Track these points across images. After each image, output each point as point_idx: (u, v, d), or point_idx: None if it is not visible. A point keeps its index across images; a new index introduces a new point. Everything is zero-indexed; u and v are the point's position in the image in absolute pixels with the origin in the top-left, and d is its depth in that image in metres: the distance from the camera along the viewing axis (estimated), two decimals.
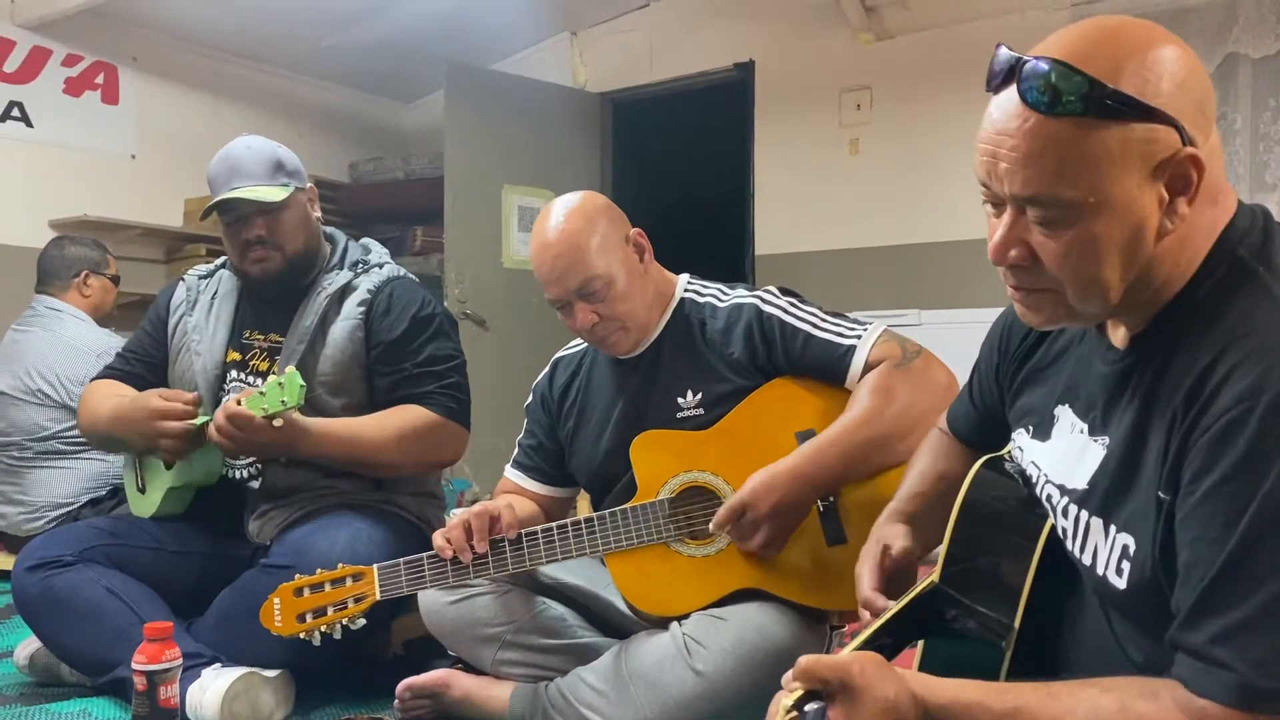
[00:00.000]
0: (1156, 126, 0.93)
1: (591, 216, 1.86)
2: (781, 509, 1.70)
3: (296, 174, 2.25)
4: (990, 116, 1.00)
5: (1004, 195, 0.99)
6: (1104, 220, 0.95)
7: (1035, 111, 0.95)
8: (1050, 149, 0.94)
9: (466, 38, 5.31)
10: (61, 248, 3.53)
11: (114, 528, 2.18)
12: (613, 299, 1.84)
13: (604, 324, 1.86)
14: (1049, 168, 0.95)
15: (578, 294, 1.83)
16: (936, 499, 1.40)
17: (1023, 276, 1.03)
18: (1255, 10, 3.87)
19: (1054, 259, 0.98)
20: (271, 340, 2.25)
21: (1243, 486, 0.89)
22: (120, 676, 1.92)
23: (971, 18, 4.40)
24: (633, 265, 1.88)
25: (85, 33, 4.68)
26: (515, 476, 2.12)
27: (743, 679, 1.62)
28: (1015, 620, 1.14)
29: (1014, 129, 0.96)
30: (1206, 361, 0.94)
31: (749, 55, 5.06)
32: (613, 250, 1.85)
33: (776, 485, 1.69)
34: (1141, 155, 0.94)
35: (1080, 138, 0.93)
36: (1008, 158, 0.97)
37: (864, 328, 1.84)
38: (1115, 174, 0.94)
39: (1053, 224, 0.97)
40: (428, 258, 5.28)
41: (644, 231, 1.94)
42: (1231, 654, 0.88)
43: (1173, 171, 0.95)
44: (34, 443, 3.24)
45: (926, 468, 1.47)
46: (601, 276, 1.82)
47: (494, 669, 1.89)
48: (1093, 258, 0.97)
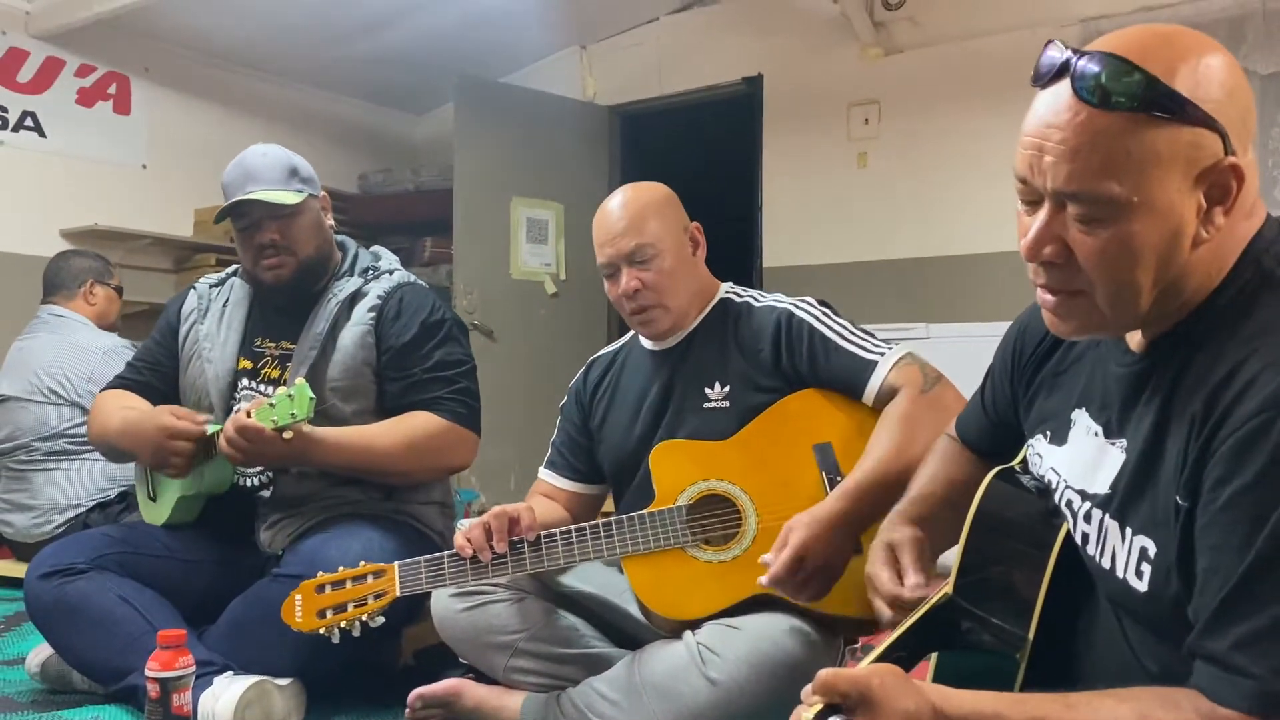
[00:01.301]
0: (1203, 131, 0.94)
1: (658, 197, 2.00)
2: (833, 558, 1.64)
3: (310, 181, 2.27)
4: (1036, 111, 1.00)
5: (1045, 190, 0.99)
6: (1143, 221, 0.95)
7: (1087, 105, 0.95)
8: (1099, 143, 0.95)
9: (476, 50, 5.34)
10: (66, 259, 3.58)
11: (126, 536, 2.19)
12: (659, 271, 1.92)
13: (645, 294, 1.92)
14: (1096, 162, 0.95)
15: (627, 258, 1.92)
16: (943, 502, 1.40)
17: (1055, 275, 1.03)
18: (1264, 27, 3.88)
19: (1090, 257, 0.98)
20: (283, 348, 2.26)
21: (1265, 494, 0.89)
22: (133, 684, 1.93)
23: (980, 33, 4.41)
24: (684, 252, 1.97)
25: (98, 44, 4.71)
26: (548, 476, 2.15)
27: (757, 688, 1.62)
28: (1029, 631, 1.14)
29: (1064, 122, 0.96)
30: (1229, 368, 0.94)
31: (758, 69, 5.08)
32: (670, 229, 1.95)
33: (825, 534, 1.62)
34: (1187, 159, 0.94)
35: (1129, 134, 0.94)
36: (1055, 150, 0.97)
37: (889, 346, 1.86)
38: (1160, 175, 0.94)
39: (1092, 221, 0.97)
40: (436, 269, 5.30)
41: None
42: (1252, 661, 0.88)
43: (1214, 180, 0.95)
44: (41, 443, 3.25)
45: (935, 471, 1.47)
46: (654, 245, 1.92)
47: (506, 677, 1.89)
48: (1129, 258, 0.97)
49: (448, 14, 4.95)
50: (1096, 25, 4.12)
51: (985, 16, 4.42)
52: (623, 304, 1.97)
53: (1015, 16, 4.30)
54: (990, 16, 4.40)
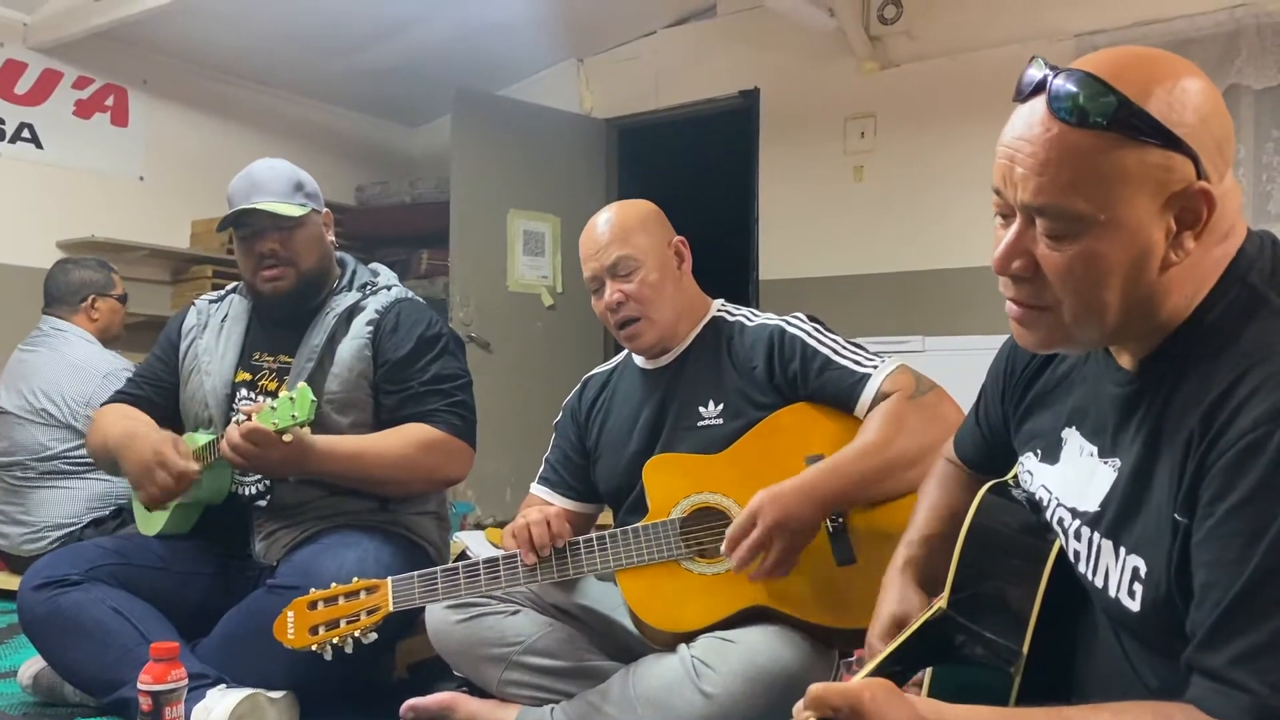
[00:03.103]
0: (1175, 155, 0.95)
1: (642, 212, 2.03)
2: (788, 522, 1.68)
3: (315, 196, 2.29)
4: (1013, 124, 1.01)
5: (1016, 203, 1.00)
6: (1110, 239, 0.96)
7: (1060, 122, 0.96)
8: (1069, 159, 0.96)
9: (474, 63, 5.35)
10: (66, 272, 3.52)
11: (120, 547, 2.18)
12: (642, 283, 1.93)
13: (629, 306, 1.94)
14: (1064, 178, 0.96)
15: (610, 271, 1.94)
16: (946, 540, 1.38)
17: (1023, 289, 1.04)
18: (1257, 42, 3.90)
19: (1057, 272, 0.99)
20: (281, 361, 2.27)
21: (1263, 509, 0.89)
22: (125, 697, 1.91)
23: (975, 47, 4.43)
24: (669, 266, 1.99)
25: (96, 56, 4.72)
26: (541, 492, 2.15)
27: (751, 701, 1.62)
28: (1024, 646, 1.14)
29: (1035, 136, 0.98)
30: (1224, 385, 0.95)
31: (754, 83, 5.10)
32: (654, 244, 1.98)
33: (782, 498, 1.69)
34: (1157, 181, 0.95)
35: (1100, 153, 0.95)
36: (1025, 163, 0.98)
37: (881, 359, 1.88)
38: (1128, 195, 0.95)
39: (1060, 237, 0.98)
40: (433, 281, 5.30)
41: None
42: (1250, 676, 0.88)
43: (1184, 204, 0.96)
44: (37, 462, 3.24)
45: (937, 502, 1.46)
46: (636, 258, 1.94)
47: (499, 690, 1.89)
48: (1095, 276, 0.98)
49: (445, 27, 4.97)
50: (1091, 40, 4.15)
51: (980, 31, 4.44)
52: (608, 318, 1.98)
53: (1010, 31, 4.33)
54: (985, 31, 4.42)
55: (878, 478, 1.74)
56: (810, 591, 1.75)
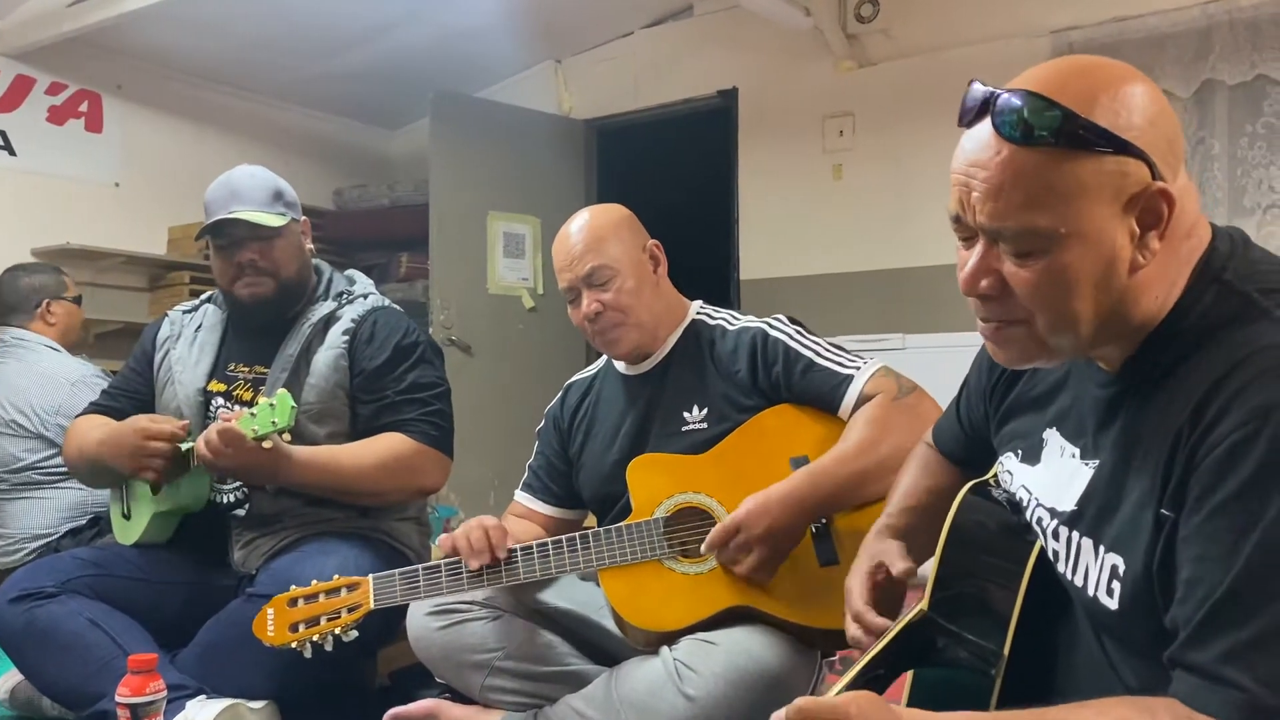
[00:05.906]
0: (1128, 160, 0.95)
1: (614, 218, 2.02)
2: (774, 533, 1.71)
3: (294, 206, 2.28)
4: (963, 149, 1.01)
5: (976, 226, 1.00)
6: (1076, 251, 0.97)
7: (1009, 143, 0.96)
8: (1023, 179, 0.96)
9: (451, 66, 5.33)
10: (16, 279, 3.43)
11: (97, 558, 2.17)
12: (618, 291, 1.93)
13: (607, 315, 1.93)
14: (1019, 198, 0.96)
15: (586, 280, 1.94)
16: (924, 513, 1.41)
17: (993, 307, 1.04)
18: (1231, 37, 3.92)
19: (1025, 288, 0.99)
20: (256, 371, 2.25)
21: (1251, 504, 0.89)
22: (103, 709, 1.90)
23: (952, 45, 4.45)
24: (645, 271, 1.98)
25: (69, 61, 4.67)
26: (524, 499, 2.15)
27: (734, 704, 1.62)
28: (1004, 647, 1.14)
29: (987, 160, 0.98)
30: (1211, 382, 0.95)
31: (732, 83, 5.10)
32: (628, 250, 1.97)
33: (770, 509, 1.71)
34: (1113, 188, 0.95)
35: (1052, 168, 0.95)
36: (980, 189, 0.98)
37: (863, 361, 1.89)
38: (1087, 205, 0.95)
39: (1024, 255, 0.98)
40: (413, 284, 5.27)
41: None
42: (1241, 672, 0.88)
43: (1144, 205, 0.96)
44: (9, 475, 3.20)
45: (915, 482, 1.48)
46: (611, 266, 1.94)
47: (482, 696, 1.88)
48: (1064, 288, 0.98)
49: (423, 30, 4.94)
50: (1067, 36, 4.17)
51: (957, 28, 4.45)
52: (586, 327, 1.98)
53: (987, 28, 4.34)
54: (962, 28, 4.44)
55: (863, 482, 1.75)
56: (793, 592, 1.75)
